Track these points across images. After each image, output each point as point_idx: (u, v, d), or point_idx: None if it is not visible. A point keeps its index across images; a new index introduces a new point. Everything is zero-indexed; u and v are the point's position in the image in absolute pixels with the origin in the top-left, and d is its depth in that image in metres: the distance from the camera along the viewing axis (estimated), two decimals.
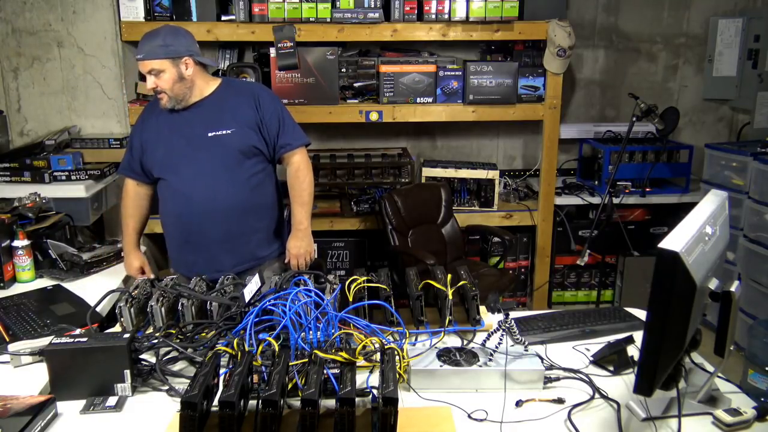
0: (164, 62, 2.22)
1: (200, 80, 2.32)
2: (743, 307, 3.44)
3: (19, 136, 3.39)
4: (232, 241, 2.36)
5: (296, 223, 2.45)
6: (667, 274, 1.22)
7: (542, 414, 1.48)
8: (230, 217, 2.33)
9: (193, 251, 2.37)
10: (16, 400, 1.47)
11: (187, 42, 2.30)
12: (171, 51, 2.23)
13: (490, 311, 1.95)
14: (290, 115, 2.45)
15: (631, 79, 4.20)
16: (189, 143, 2.31)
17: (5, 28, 3.27)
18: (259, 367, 1.48)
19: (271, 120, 2.36)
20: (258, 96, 2.37)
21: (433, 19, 3.43)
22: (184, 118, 2.33)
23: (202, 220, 2.32)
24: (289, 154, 2.41)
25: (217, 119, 2.32)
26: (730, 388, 1.57)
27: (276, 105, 2.41)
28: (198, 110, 2.33)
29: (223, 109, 2.33)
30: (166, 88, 2.25)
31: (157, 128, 2.36)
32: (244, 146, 2.32)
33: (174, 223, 2.40)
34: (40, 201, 2.70)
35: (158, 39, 2.23)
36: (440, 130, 4.14)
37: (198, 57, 2.31)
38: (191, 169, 2.31)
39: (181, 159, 2.32)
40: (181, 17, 3.37)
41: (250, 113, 2.34)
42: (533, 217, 3.79)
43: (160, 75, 2.23)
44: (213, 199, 2.31)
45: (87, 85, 3.39)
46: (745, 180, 3.52)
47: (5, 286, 2.32)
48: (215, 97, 2.35)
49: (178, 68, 2.25)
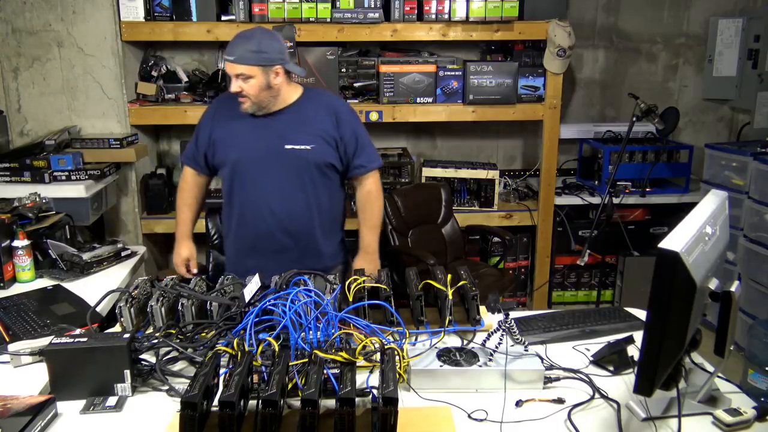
0: (255, 69, 2.15)
1: (286, 89, 2.26)
2: (743, 307, 3.44)
3: (19, 136, 3.39)
4: (298, 253, 2.32)
5: (365, 245, 2.42)
6: (667, 274, 1.22)
7: (542, 414, 1.48)
8: (299, 229, 2.30)
9: (256, 258, 2.32)
10: (16, 400, 1.47)
11: (281, 48, 2.22)
12: (264, 58, 2.15)
13: (490, 311, 1.95)
14: (367, 134, 2.39)
15: (631, 79, 4.21)
16: (265, 152, 2.26)
17: (5, 28, 3.27)
18: (259, 367, 1.48)
19: (350, 139, 2.31)
20: (339, 112, 2.32)
21: (433, 19, 3.44)
22: (263, 125, 2.27)
23: (271, 230, 2.30)
24: (362, 176, 2.37)
25: (296, 132, 2.26)
26: (730, 388, 1.57)
27: (354, 124, 2.35)
28: (278, 119, 2.28)
29: (303, 122, 2.28)
30: (252, 94, 2.19)
31: (233, 129, 2.31)
32: (320, 162, 2.28)
33: (241, 228, 2.36)
34: (40, 201, 2.70)
35: (252, 43, 2.15)
36: (440, 130, 4.14)
37: (287, 65, 2.23)
38: (264, 179, 2.27)
39: (256, 167, 2.28)
40: (181, 17, 3.37)
41: (329, 130, 2.29)
42: (533, 217, 3.80)
43: (248, 80, 2.16)
44: (284, 210, 2.28)
45: (87, 85, 3.38)
46: (745, 180, 3.52)
47: (5, 286, 2.32)
48: (296, 108, 2.29)
49: (267, 76, 2.17)
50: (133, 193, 3.52)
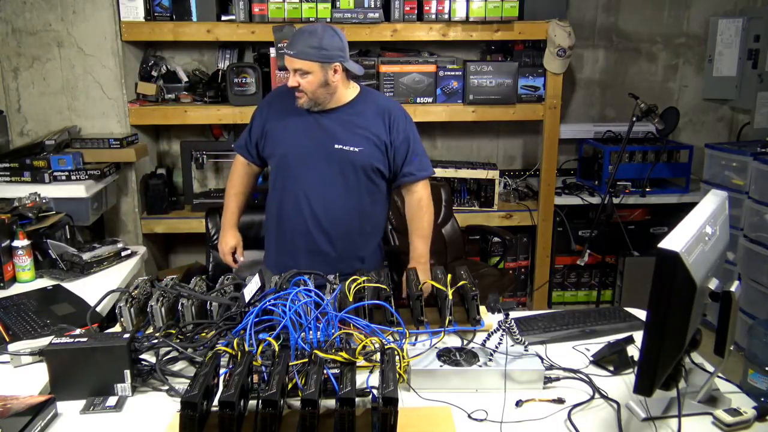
0: (314, 65, 2.14)
1: (342, 88, 2.24)
2: (743, 307, 3.44)
3: (19, 136, 3.39)
4: (335, 256, 2.30)
5: (417, 255, 2.37)
6: (667, 274, 1.22)
7: (542, 414, 1.48)
8: (338, 232, 2.29)
9: (294, 255, 2.31)
10: (16, 400, 1.47)
11: (342, 45, 2.19)
12: (324, 55, 2.14)
13: (490, 311, 1.95)
14: (420, 142, 2.36)
15: (631, 79, 4.20)
16: (315, 149, 2.25)
17: (5, 28, 3.27)
18: (259, 367, 1.48)
19: (401, 146, 2.28)
20: (393, 117, 2.28)
21: (433, 19, 3.44)
22: (316, 122, 2.26)
23: (309, 229, 2.28)
24: (411, 184, 2.34)
25: (348, 133, 2.25)
26: (730, 388, 1.57)
27: (408, 131, 2.31)
28: (332, 117, 2.26)
29: (356, 123, 2.26)
30: (309, 90, 2.17)
31: (286, 123, 2.30)
32: (367, 165, 2.25)
33: (280, 224, 2.35)
34: (40, 201, 2.69)
35: (314, 39, 2.13)
36: (440, 130, 4.14)
37: (347, 63, 2.21)
38: (310, 176, 2.26)
39: (303, 163, 2.26)
40: (181, 17, 3.37)
41: (381, 133, 2.26)
42: (533, 217, 3.80)
43: (306, 76, 2.15)
44: (328, 210, 2.27)
45: (87, 85, 3.38)
46: (745, 180, 3.52)
47: (5, 286, 2.31)
48: (351, 108, 2.27)
49: (325, 73, 2.16)
50: (133, 193, 3.52)
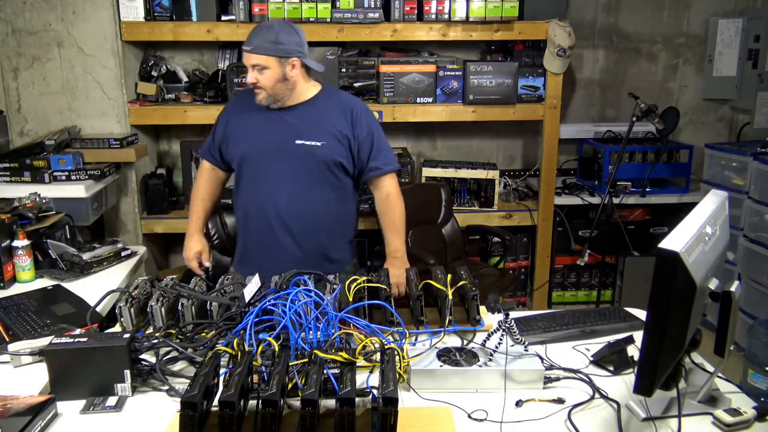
0: (271, 59, 2.15)
1: (302, 84, 2.25)
2: (743, 307, 3.44)
3: (19, 136, 3.39)
4: (301, 256, 2.29)
5: (392, 251, 2.39)
6: (667, 274, 1.22)
7: (542, 414, 1.48)
8: (303, 230, 2.29)
9: (262, 255, 2.32)
10: (16, 400, 1.47)
11: (299, 41, 2.22)
12: (281, 49, 2.15)
13: (490, 311, 1.95)
14: (384, 137, 2.36)
15: (631, 79, 4.21)
16: (276, 146, 2.25)
17: (5, 28, 3.27)
18: (259, 367, 1.48)
19: (365, 141, 2.29)
20: (356, 113, 2.29)
21: (433, 19, 3.44)
22: (277, 119, 2.26)
23: (277, 226, 2.28)
24: (378, 179, 2.35)
25: (309, 128, 2.25)
26: (730, 388, 1.57)
27: (372, 125, 2.32)
28: (292, 114, 2.26)
29: (317, 119, 2.26)
30: (267, 85, 2.18)
31: (246, 122, 2.30)
32: (329, 160, 2.25)
33: (249, 223, 2.35)
34: (40, 201, 2.69)
35: (271, 33, 2.15)
36: (440, 130, 4.14)
37: (306, 59, 2.23)
38: (272, 173, 2.26)
39: (264, 160, 2.27)
40: (181, 17, 3.37)
41: (343, 129, 2.27)
42: (533, 217, 3.80)
43: (264, 71, 2.16)
44: (291, 207, 2.27)
45: (87, 85, 3.38)
46: (745, 180, 3.52)
47: (5, 286, 2.31)
48: (312, 105, 2.28)
49: (283, 68, 2.17)
50: (133, 193, 3.52)
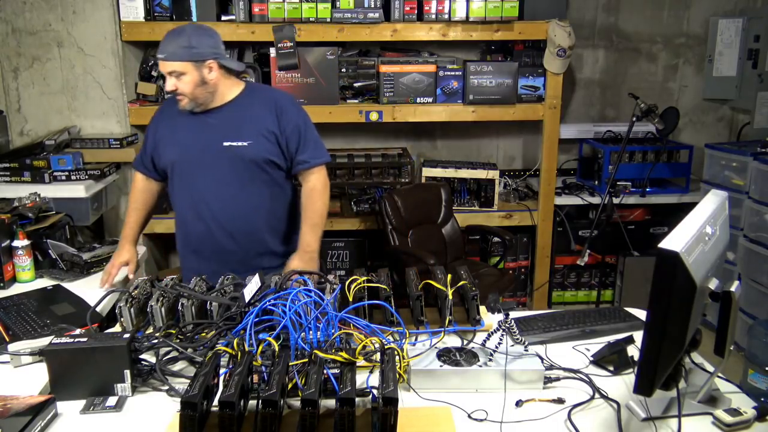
0: (187, 65, 2.12)
1: (223, 84, 2.22)
2: (743, 307, 3.44)
3: (19, 136, 3.39)
4: (242, 254, 2.29)
5: (304, 244, 2.33)
6: (667, 274, 1.22)
7: (542, 414, 1.47)
8: (240, 229, 2.28)
9: (199, 259, 2.32)
10: (16, 400, 1.47)
11: (213, 43, 2.18)
12: (195, 54, 2.12)
13: (490, 311, 1.95)
14: (313, 130, 2.34)
15: (631, 79, 4.21)
16: (204, 150, 2.24)
17: (5, 28, 3.27)
18: (259, 367, 1.48)
19: (292, 134, 2.26)
20: (281, 107, 2.27)
21: (433, 19, 3.44)
22: (203, 123, 2.25)
23: (210, 229, 2.28)
24: (306, 171, 2.32)
25: (235, 129, 2.23)
26: (730, 388, 1.57)
27: (299, 118, 2.29)
28: (217, 116, 2.25)
29: (242, 118, 2.24)
30: (187, 91, 2.16)
31: (173, 129, 2.29)
32: (259, 159, 2.24)
33: (184, 228, 2.36)
34: (40, 201, 2.70)
35: (183, 38, 2.12)
36: (440, 130, 4.14)
37: (223, 60, 2.20)
38: (203, 177, 2.25)
39: (194, 165, 2.26)
40: (181, 17, 3.37)
41: (270, 125, 2.24)
42: (533, 217, 3.80)
43: (181, 77, 2.14)
44: (226, 210, 2.26)
45: (87, 85, 3.38)
46: (745, 180, 3.52)
47: (5, 286, 2.31)
48: (236, 104, 2.26)
49: (200, 71, 2.15)
50: None
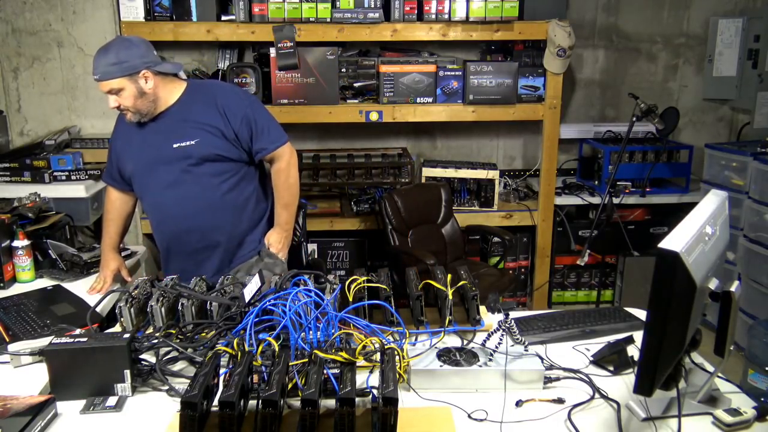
0: (122, 80, 2.12)
1: (163, 90, 2.22)
2: (743, 307, 3.44)
3: (19, 136, 3.39)
4: (211, 248, 2.34)
5: (282, 222, 2.42)
6: (667, 274, 1.22)
7: (542, 414, 1.48)
8: (204, 225, 2.31)
9: (176, 260, 2.37)
10: (16, 400, 1.47)
11: (142, 52, 2.16)
12: (126, 67, 2.11)
13: (490, 311, 1.95)
14: (264, 115, 2.33)
15: (631, 79, 4.20)
16: (157, 155, 2.26)
17: (5, 28, 3.27)
18: (259, 367, 1.48)
19: (242, 127, 2.26)
20: (224, 103, 2.26)
21: (433, 19, 3.44)
22: (151, 130, 2.27)
23: (177, 230, 2.32)
24: (267, 157, 2.35)
25: (181, 130, 2.24)
26: (730, 388, 1.57)
27: (244, 109, 2.28)
28: (163, 121, 2.26)
29: (186, 118, 2.25)
30: (129, 105, 2.16)
31: (128, 140, 2.32)
32: (208, 155, 2.25)
33: (156, 234, 2.42)
34: (40, 201, 2.70)
35: (110, 56, 2.11)
36: (440, 130, 4.14)
37: (156, 67, 2.19)
38: (161, 181, 2.28)
39: (151, 171, 2.28)
40: (181, 17, 3.37)
41: (213, 121, 2.24)
42: (533, 217, 3.80)
43: (120, 93, 2.13)
44: (184, 209, 2.28)
45: (87, 85, 3.39)
46: (745, 180, 3.52)
47: (5, 286, 2.32)
48: (179, 106, 2.26)
49: (137, 84, 2.14)
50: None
